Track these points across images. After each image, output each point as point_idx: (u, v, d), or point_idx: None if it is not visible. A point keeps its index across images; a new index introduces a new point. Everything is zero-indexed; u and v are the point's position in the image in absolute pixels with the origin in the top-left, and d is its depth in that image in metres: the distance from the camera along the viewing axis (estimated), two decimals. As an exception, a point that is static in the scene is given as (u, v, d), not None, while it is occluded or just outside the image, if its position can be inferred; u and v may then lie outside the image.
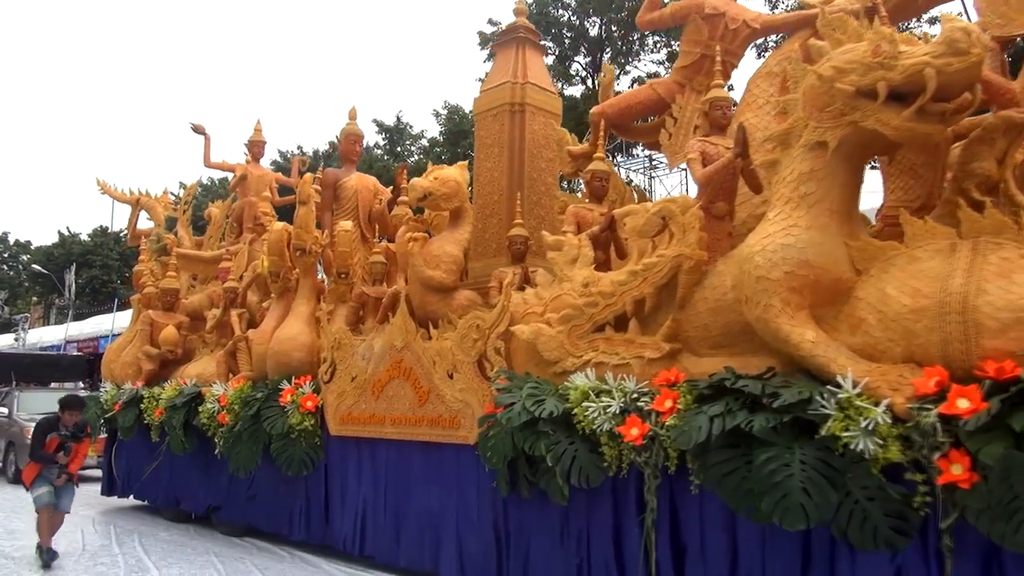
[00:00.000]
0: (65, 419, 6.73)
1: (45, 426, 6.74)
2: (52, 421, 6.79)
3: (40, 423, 6.85)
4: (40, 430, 6.74)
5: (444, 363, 5.90)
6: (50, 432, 6.69)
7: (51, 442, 6.66)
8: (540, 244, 6.57)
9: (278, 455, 6.99)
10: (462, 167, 6.78)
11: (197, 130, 11.23)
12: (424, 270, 6.36)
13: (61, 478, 6.68)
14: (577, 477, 4.65)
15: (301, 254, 7.67)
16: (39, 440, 6.66)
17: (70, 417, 6.73)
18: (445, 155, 27.52)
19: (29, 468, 6.73)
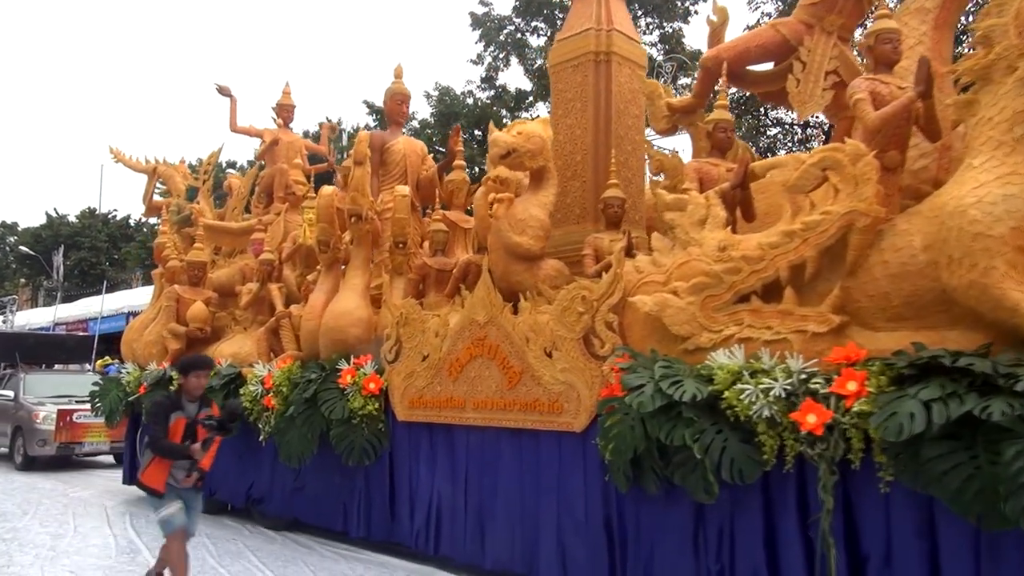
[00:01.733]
0: (190, 386, 4.74)
1: (167, 404, 4.74)
2: (173, 397, 4.90)
3: (158, 401, 4.91)
4: (160, 410, 4.70)
5: (540, 340, 5.19)
6: (174, 412, 4.68)
7: (176, 425, 4.65)
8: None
9: (338, 442, 6.28)
10: (545, 122, 6.07)
11: (223, 91, 10.43)
12: (511, 235, 5.63)
13: (191, 477, 4.69)
14: (729, 471, 3.97)
15: (356, 220, 6.93)
16: (162, 425, 4.63)
17: (197, 382, 4.75)
18: (436, 136, 26.89)
19: (155, 468, 4.64)
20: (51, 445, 11.29)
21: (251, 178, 10.78)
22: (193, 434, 4.66)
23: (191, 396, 4.74)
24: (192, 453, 4.58)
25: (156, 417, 4.67)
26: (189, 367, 4.80)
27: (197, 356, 5.14)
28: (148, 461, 4.65)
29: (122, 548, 6.71)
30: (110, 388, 9.48)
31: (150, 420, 4.78)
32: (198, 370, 4.80)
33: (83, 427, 11.52)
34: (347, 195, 6.97)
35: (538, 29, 32.29)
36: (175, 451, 4.60)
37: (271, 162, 10.20)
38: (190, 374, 4.75)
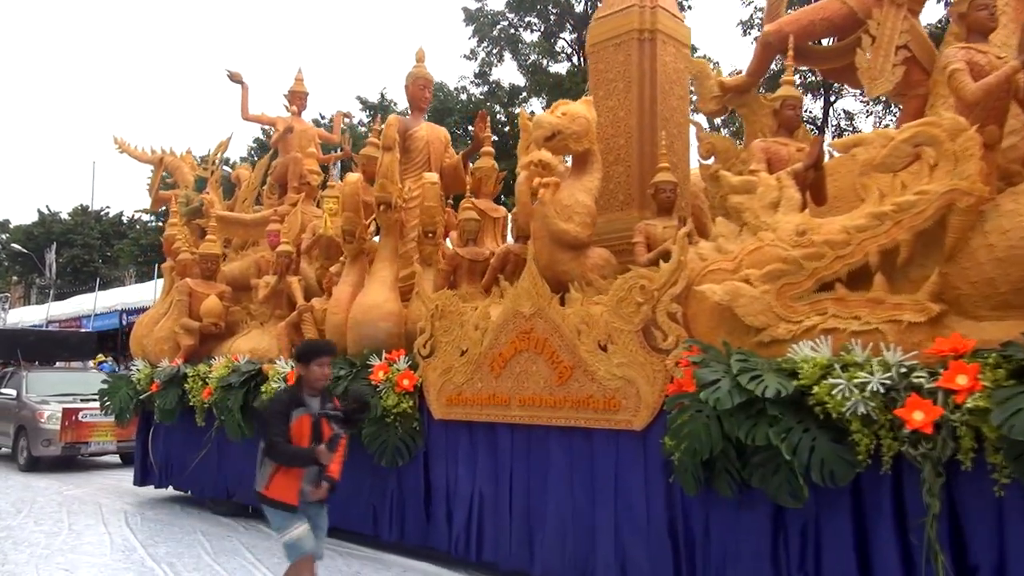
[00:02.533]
0: (312, 377, 3.96)
1: (286, 401, 3.96)
2: (293, 392, 4.03)
3: (277, 397, 4.20)
4: (280, 408, 3.93)
5: (594, 333, 4.87)
6: (295, 409, 3.90)
7: (300, 425, 3.87)
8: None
9: (370, 442, 5.95)
10: (588, 103, 5.71)
11: (234, 78, 10.07)
12: (557, 222, 5.30)
13: (321, 488, 3.95)
14: (819, 473, 3.65)
15: (385, 209, 6.59)
16: (282, 425, 3.83)
17: (320, 372, 3.97)
18: None
19: (283, 478, 3.85)
20: (56, 445, 10.92)
21: (262, 168, 10.42)
22: (319, 434, 3.89)
23: (313, 389, 3.98)
24: (318, 456, 3.77)
25: (275, 417, 3.87)
26: (311, 354, 3.99)
27: (320, 341, 4.41)
28: (271, 471, 3.84)
29: (117, 546, 6.62)
30: (120, 386, 9.12)
31: (268, 421, 3.91)
32: (321, 356, 3.98)
33: (89, 426, 11.15)
34: (376, 182, 6.62)
35: (531, 24, 32.31)
36: (299, 456, 3.82)
37: (284, 151, 9.85)
38: (312, 362, 3.95)
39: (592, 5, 31.62)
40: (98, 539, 6.90)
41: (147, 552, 6.38)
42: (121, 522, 7.67)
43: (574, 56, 32.09)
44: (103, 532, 7.20)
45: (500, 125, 28.84)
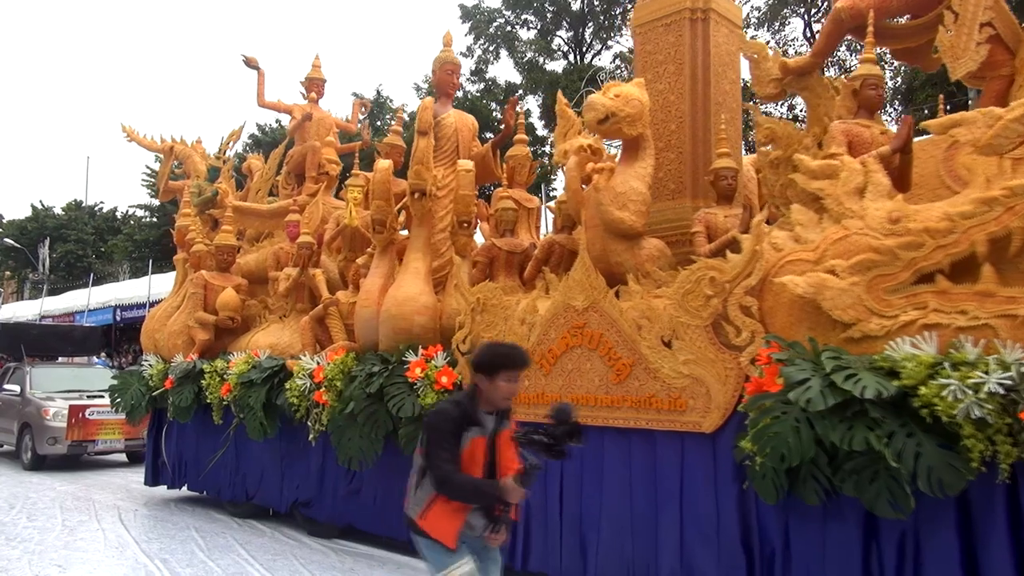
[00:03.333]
0: (497, 393, 3.08)
1: (457, 418, 3.06)
2: (465, 408, 3.10)
3: (444, 411, 3.11)
4: (449, 426, 3.05)
5: (656, 328, 4.54)
6: (469, 430, 3.07)
7: (473, 449, 3.07)
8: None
9: (407, 443, 5.62)
10: (641, 84, 5.39)
11: (250, 63, 9.71)
12: (612, 211, 4.98)
13: (498, 533, 3.15)
14: (926, 481, 3.34)
15: (420, 197, 6.26)
16: (452, 448, 3.02)
17: (508, 388, 3.09)
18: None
19: (442, 512, 3.08)
20: (62, 443, 10.56)
21: (277, 157, 10.07)
22: (494, 461, 3.13)
23: (492, 405, 3.11)
24: (505, 494, 2.97)
25: (444, 437, 3.01)
26: (500, 365, 3.06)
27: (512, 349, 3.20)
28: (429, 497, 3.07)
29: (110, 542, 6.58)
30: (131, 382, 8.78)
31: (434, 441, 3.04)
32: (513, 369, 3.08)
33: (96, 424, 10.79)
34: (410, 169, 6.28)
35: (528, 22, 32.54)
36: (481, 492, 3.03)
37: (300, 140, 9.50)
38: (500, 375, 3.05)
39: (589, 3, 31.70)
40: (91, 535, 6.82)
41: (140, 548, 6.34)
42: (115, 518, 7.59)
43: (570, 54, 32.45)
44: (96, 528, 7.12)
45: (496, 123, 28.88)
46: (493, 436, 3.14)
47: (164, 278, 25.52)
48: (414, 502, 3.18)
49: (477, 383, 3.14)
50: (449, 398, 3.22)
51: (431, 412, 3.16)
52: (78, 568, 5.77)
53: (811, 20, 28.63)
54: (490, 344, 3.34)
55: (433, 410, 3.18)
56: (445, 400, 3.25)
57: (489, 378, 3.07)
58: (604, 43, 31.65)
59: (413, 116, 25.19)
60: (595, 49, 32.74)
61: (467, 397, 3.17)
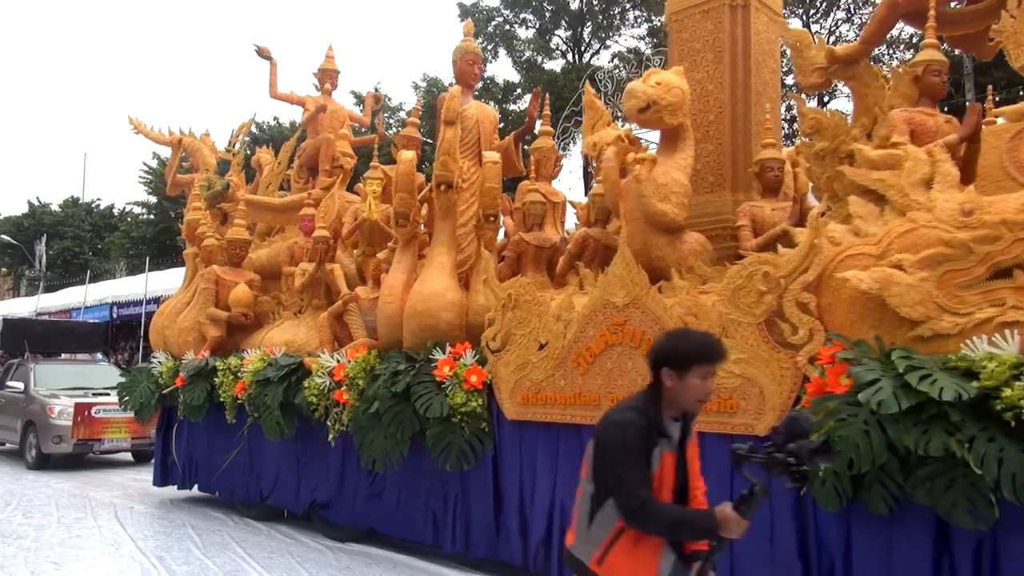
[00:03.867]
0: (687, 394, 2.45)
1: (642, 428, 2.40)
2: (650, 416, 2.43)
3: (627, 422, 2.41)
4: (636, 439, 2.38)
5: (704, 325, 4.30)
6: (657, 442, 2.42)
7: (664, 469, 2.44)
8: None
9: (434, 444, 5.41)
10: (681, 73, 5.19)
11: (262, 53, 9.48)
12: (654, 203, 4.77)
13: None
14: (1011, 488, 3.13)
15: (446, 189, 6.04)
16: (641, 468, 2.37)
17: (703, 387, 2.45)
18: (424, 127, 26.76)
19: (631, 550, 2.42)
20: (68, 442, 10.32)
21: (288, 151, 9.85)
22: (684, 480, 2.53)
23: (678, 409, 2.49)
24: (723, 528, 2.30)
25: (629, 454, 2.36)
26: (693, 356, 2.42)
27: (705, 338, 2.53)
28: (610, 538, 2.41)
29: (106, 540, 6.53)
30: (139, 380, 8.56)
31: (617, 462, 2.38)
32: (709, 362, 2.44)
33: (102, 422, 10.56)
34: (436, 160, 6.06)
35: (526, 21, 32.62)
36: (691, 525, 2.37)
37: (313, 132, 9.28)
38: (692, 370, 2.41)
39: (588, 2, 31.67)
40: (87, 533, 6.78)
41: (137, 546, 6.31)
42: (111, 516, 7.52)
43: (569, 53, 32.54)
44: (93, 526, 7.07)
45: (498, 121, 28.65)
46: (682, 450, 2.52)
47: (161, 275, 25.45)
48: (585, 541, 2.48)
49: (661, 382, 2.46)
50: (624, 404, 2.54)
51: (607, 424, 2.47)
52: (74, 565, 5.72)
53: (809, 21, 28.69)
54: (678, 332, 2.66)
55: (609, 421, 2.48)
56: (621, 407, 2.51)
57: (679, 374, 2.42)
58: (603, 42, 31.85)
59: (428, 108, 25.30)
60: (594, 48, 32.79)
61: (647, 401, 2.47)
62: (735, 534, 2.30)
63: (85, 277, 26.90)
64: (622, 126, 7.02)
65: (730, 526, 2.29)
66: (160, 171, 43.42)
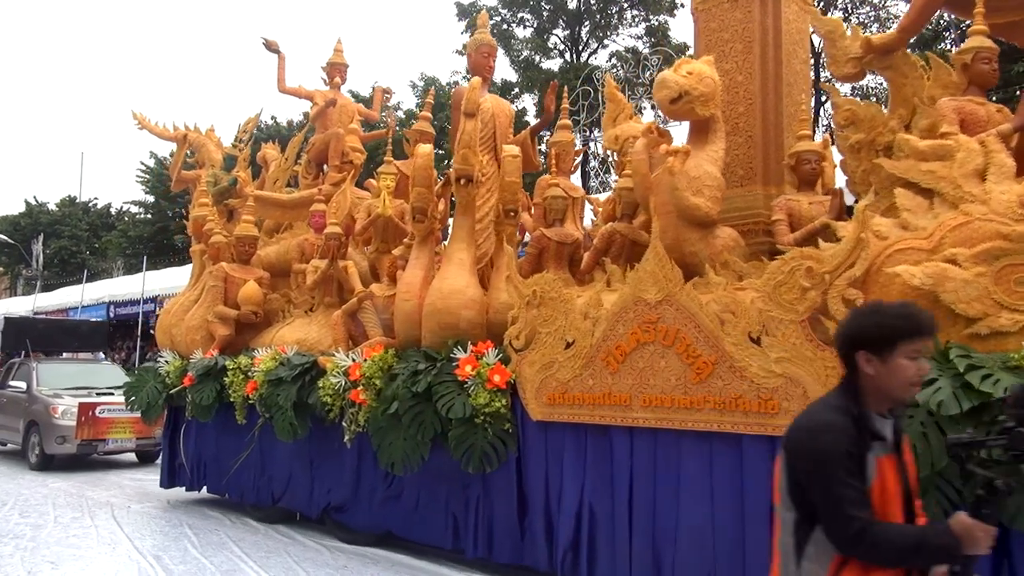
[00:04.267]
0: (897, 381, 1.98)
1: (851, 430, 1.95)
2: (856, 413, 1.97)
3: (829, 424, 1.96)
4: (846, 445, 1.92)
5: (743, 323, 4.18)
6: (870, 447, 1.96)
7: (883, 478, 1.95)
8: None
9: (456, 446, 5.25)
10: (711, 62, 5.03)
11: (270, 47, 9.31)
12: (687, 197, 4.62)
13: None
14: (1083, 497, 2.98)
15: (466, 183, 5.88)
16: (857, 488, 1.90)
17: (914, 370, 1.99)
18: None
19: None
20: (71, 442, 10.13)
21: (296, 146, 9.68)
22: (908, 493, 2.02)
23: (888, 401, 2.03)
24: (966, 543, 1.85)
25: (837, 467, 1.90)
26: (897, 331, 1.98)
27: (904, 306, 2.06)
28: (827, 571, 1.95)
29: (103, 539, 6.51)
30: (146, 379, 8.38)
31: (826, 477, 1.92)
32: (919, 337, 1.99)
33: (107, 422, 10.37)
34: (456, 153, 5.90)
35: (524, 20, 32.73)
36: (927, 547, 1.88)
37: (322, 127, 9.11)
38: (898, 347, 1.97)
39: (586, 1, 31.65)
40: (84, 532, 6.74)
41: (133, 545, 6.29)
42: (108, 515, 7.45)
43: (567, 52, 32.69)
44: (89, 525, 7.03)
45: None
46: (899, 452, 2.03)
47: (158, 275, 25.38)
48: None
49: (858, 370, 2.01)
50: (818, 405, 2.10)
51: (801, 432, 2.02)
52: (70, 565, 5.70)
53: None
54: (871, 307, 2.16)
55: (804, 428, 2.03)
56: (816, 409, 2.07)
57: (881, 357, 1.97)
58: (600, 42, 32.14)
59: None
60: (591, 48, 32.83)
61: (846, 397, 2.02)
62: (983, 548, 1.86)
63: (82, 276, 26.80)
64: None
65: (976, 538, 1.84)
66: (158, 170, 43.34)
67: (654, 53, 24.23)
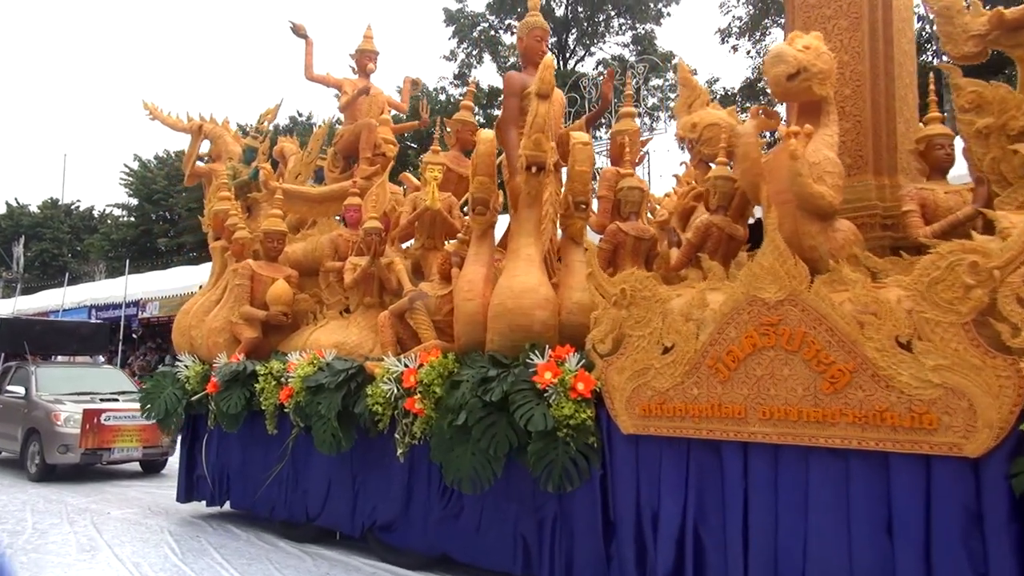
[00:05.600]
0: None
1: None
2: None
3: None
4: None
5: (888, 326, 3.67)
6: None
7: None
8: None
9: (536, 461, 4.71)
10: (820, 37, 4.54)
11: (298, 31, 8.75)
12: (811, 184, 4.10)
13: None
14: None
15: (536, 171, 5.35)
16: None
17: None
18: (408, 134, 26.14)
19: None
20: (75, 451, 9.49)
21: (320, 138, 9.12)
22: None
23: None
24: None
25: None
26: None
27: None
28: None
29: (82, 546, 6.44)
30: (164, 385, 7.78)
31: None
32: None
33: (112, 430, 9.74)
34: (527, 138, 5.36)
35: (512, 27, 32.83)
36: None
37: (351, 118, 8.55)
38: None
39: (573, 9, 31.56)
40: (63, 539, 6.69)
41: (113, 552, 6.23)
42: (87, 522, 7.37)
43: (554, 59, 32.29)
44: (68, 531, 6.97)
45: (479, 126, 28.84)
46: None
47: (141, 278, 24.89)
48: None
49: None
50: None
51: None
52: (49, 572, 5.67)
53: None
54: None
55: None
56: None
57: None
58: (587, 49, 32.37)
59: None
60: (578, 55, 32.72)
61: None
62: None
63: (63, 279, 26.37)
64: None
65: None
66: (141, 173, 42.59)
67: (640, 61, 24.05)
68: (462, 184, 7.16)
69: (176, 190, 38.44)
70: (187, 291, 22.76)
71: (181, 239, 36.87)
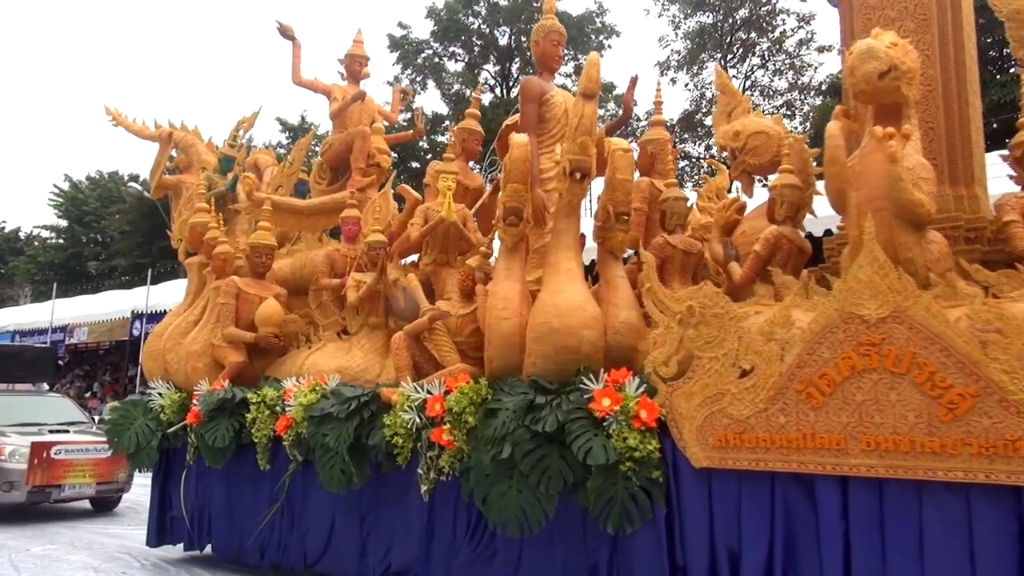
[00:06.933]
0: None
1: None
2: None
3: None
4: None
5: (1019, 345, 3.31)
6: None
7: None
8: None
9: (596, 498, 4.19)
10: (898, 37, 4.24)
11: (285, 32, 8.17)
12: (911, 190, 3.75)
13: None
14: None
15: (580, 178, 4.90)
16: None
17: None
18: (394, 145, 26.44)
19: None
20: (21, 489, 8.53)
21: (303, 148, 8.52)
22: None
23: None
24: None
25: None
26: None
27: None
28: None
29: None
30: (134, 416, 7.00)
31: None
32: None
33: (63, 465, 8.80)
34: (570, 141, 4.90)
35: (456, 55, 33.00)
36: None
37: (341, 126, 8.00)
38: None
39: (516, 39, 31.92)
40: None
41: None
42: (3, 560, 6.90)
43: (497, 88, 33.41)
44: None
45: (422, 152, 29.30)
46: None
47: (69, 302, 23.62)
48: None
49: None
50: None
51: None
52: None
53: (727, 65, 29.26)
54: None
55: None
56: None
57: None
58: None
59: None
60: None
61: None
62: None
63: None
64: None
65: None
66: (72, 194, 40.75)
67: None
68: (468, 197, 6.70)
69: (108, 212, 36.92)
70: (118, 316, 21.64)
71: (113, 262, 35.37)
